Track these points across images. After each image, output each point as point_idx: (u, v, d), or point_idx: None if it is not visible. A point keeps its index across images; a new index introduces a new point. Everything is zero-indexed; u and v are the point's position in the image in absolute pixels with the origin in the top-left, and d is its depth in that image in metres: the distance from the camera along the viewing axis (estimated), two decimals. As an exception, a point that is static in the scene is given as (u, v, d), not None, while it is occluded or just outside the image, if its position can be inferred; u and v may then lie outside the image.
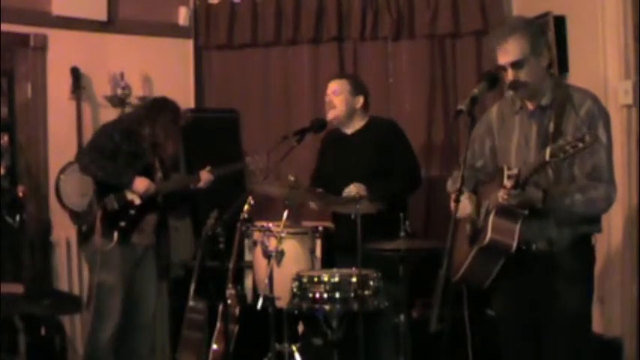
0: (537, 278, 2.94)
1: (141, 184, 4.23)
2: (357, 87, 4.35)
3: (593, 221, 2.97)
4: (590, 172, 2.87)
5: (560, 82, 2.98)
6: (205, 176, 4.41)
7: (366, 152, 4.22)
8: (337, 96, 4.28)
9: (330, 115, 4.29)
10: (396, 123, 4.42)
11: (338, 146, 4.37)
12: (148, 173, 4.30)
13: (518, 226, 2.85)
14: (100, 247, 4.15)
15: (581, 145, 2.59)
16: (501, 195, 2.81)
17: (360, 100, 4.31)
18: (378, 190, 4.01)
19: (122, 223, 4.21)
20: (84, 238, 4.30)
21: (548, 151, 2.65)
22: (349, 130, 4.34)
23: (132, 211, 4.25)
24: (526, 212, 2.85)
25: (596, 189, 2.86)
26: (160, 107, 4.39)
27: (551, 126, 2.89)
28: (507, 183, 2.81)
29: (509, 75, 2.92)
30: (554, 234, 2.91)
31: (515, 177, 2.79)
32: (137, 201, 4.25)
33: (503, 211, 2.86)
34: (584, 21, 4.21)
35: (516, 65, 2.90)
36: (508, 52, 2.90)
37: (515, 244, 2.85)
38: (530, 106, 3.00)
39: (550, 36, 4.24)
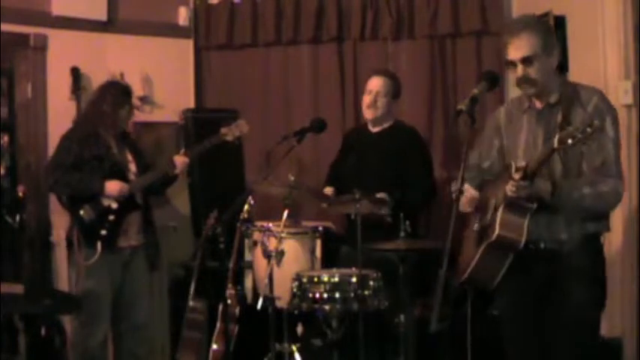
0: (544, 278, 2.92)
1: (113, 187, 4.11)
2: (398, 90, 4.34)
3: (602, 219, 2.95)
4: (598, 167, 2.84)
5: (567, 80, 2.98)
6: (180, 160, 4.27)
7: (386, 154, 4.23)
8: (382, 97, 4.24)
9: (369, 115, 4.26)
10: (418, 132, 4.43)
11: (361, 142, 4.38)
12: (120, 172, 4.19)
13: (526, 221, 2.82)
14: (84, 263, 4.05)
15: (589, 129, 2.54)
16: (509, 187, 2.78)
17: (396, 103, 4.31)
18: (396, 200, 4.02)
19: (103, 232, 4.09)
20: (71, 247, 4.19)
21: (556, 138, 2.61)
22: (375, 129, 4.34)
23: (111, 217, 4.13)
24: (535, 206, 2.81)
25: (605, 183, 2.83)
26: (103, 88, 4.32)
27: (559, 118, 2.87)
28: (515, 175, 2.77)
29: (519, 71, 2.89)
30: (564, 234, 2.89)
31: (524, 169, 2.75)
32: (114, 205, 4.13)
33: (512, 206, 2.82)
34: (584, 21, 4.21)
35: (527, 61, 2.88)
36: (520, 48, 2.88)
37: (523, 240, 2.81)
38: (538, 104, 2.98)
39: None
